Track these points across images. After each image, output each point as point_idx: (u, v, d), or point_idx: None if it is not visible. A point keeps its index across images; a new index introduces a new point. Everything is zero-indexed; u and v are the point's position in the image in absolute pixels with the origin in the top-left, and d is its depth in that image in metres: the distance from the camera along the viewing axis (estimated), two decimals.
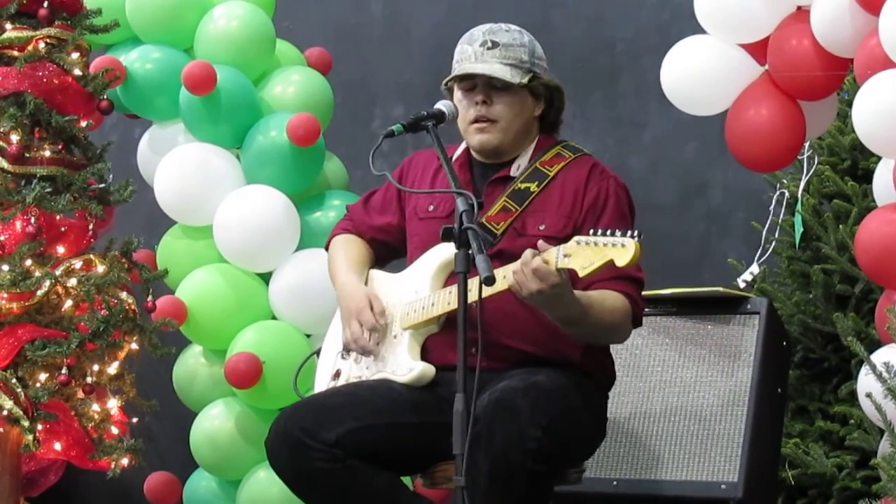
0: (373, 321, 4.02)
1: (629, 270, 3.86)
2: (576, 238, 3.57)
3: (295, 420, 3.84)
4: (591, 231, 3.56)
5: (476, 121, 4.01)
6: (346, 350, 4.15)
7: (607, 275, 3.82)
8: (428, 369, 3.94)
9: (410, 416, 3.89)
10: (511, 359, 3.89)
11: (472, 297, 3.64)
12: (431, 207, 4.11)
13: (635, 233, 3.50)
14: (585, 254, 3.54)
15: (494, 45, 3.99)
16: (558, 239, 3.73)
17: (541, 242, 3.67)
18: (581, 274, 3.55)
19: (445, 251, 3.94)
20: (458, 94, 4.05)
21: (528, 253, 3.64)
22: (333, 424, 3.80)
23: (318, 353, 4.36)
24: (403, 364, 3.97)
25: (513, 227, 3.95)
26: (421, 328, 3.99)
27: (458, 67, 4.02)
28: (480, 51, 3.99)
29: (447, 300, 3.89)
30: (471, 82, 4.01)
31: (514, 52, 4.00)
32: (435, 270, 4.00)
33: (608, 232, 3.53)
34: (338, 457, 3.78)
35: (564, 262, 3.58)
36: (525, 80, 4.00)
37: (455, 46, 4.10)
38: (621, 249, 3.49)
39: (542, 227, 3.90)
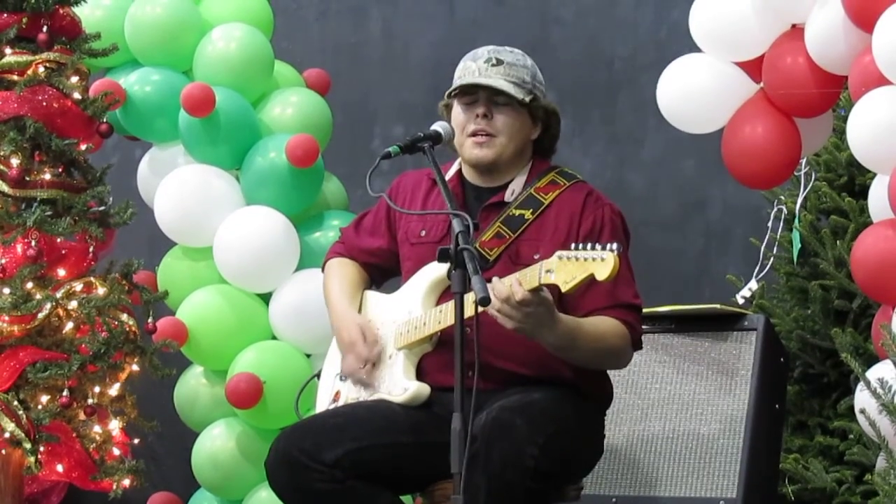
0: (365, 355, 4.04)
1: (627, 297, 3.91)
2: (558, 253, 3.58)
3: (294, 441, 3.85)
4: (573, 246, 3.57)
5: (475, 134, 4.02)
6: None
7: (604, 303, 3.87)
8: (422, 388, 3.95)
9: (408, 436, 3.89)
10: (506, 380, 3.90)
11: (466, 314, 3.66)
12: (423, 233, 4.12)
13: (614, 246, 3.51)
14: (567, 269, 3.55)
15: (499, 62, 4.02)
16: None
17: (495, 279, 3.67)
18: (563, 289, 3.55)
19: (436, 270, 3.96)
20: (457, 108, 4.06)
21: (505, 289, 3.62)
22: (332, 445, 3.81)
23: (318, 375, 4.37)
24: (398, 384, 3.98)
25: (507, 255, 3.95)
26: (414, 347, 4.00)
27: (461, 81, 4.03)
28: (485, 66, 4.01)
29: (438, 319, 3.91)
30: (472, 96, 4.03)
31: (518, 72, 4.02)
32: (426, 290, 4.01)
33: (589, 246, 3.54)
34: (337, 478, 3.79)
35: (547, 277, 3.59)
36: (527, 99, 4.02)
37: (454, 65, 4.12)
38: (601, 263, 3.50)
39: (537, 256, 3.86)
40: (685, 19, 4.68)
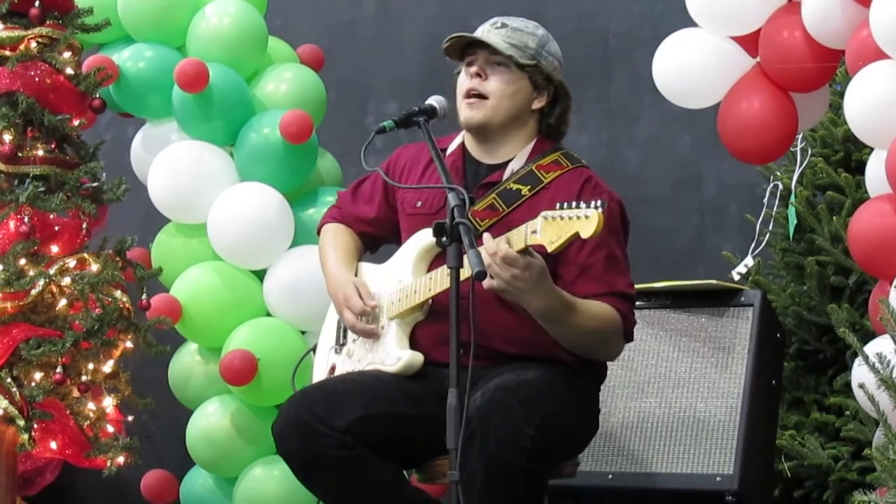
0: (361, 306, 4.02)
1: (621, 286, 3.88)
2: (542, 213, 3.55)
3: (306, 405, 3.82)
4: (558, 205, 3.54)
5: (468, 95, 4.01)
6: (340, 345, 4.16)
7: (598, 290, 3.84)
8: (416, 357, 3.94)
9: (412, 407, 3.88)
10: (498, 358, 3.87)
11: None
12: (419, 203, 4.10)
13: (598, 203, 3.47)
14: (552, 228, 3.52)
15: (504, 25, 4.03)
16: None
17: (486, 235, 3.64)
18: (549, 249, 3.52)
19: (424, 237, 3.96)
20: (462, 74, 4.08)
21: (494, 244, 3.60)
22: (343, 411, 3.78)
23: (314, 350, 4.37)
24: (391, 354, 3.97)
25: (497, 228, 3.85)
26: (406, 316, 3.99)
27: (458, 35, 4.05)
28: (489, 28, 4.04)
29: (429, 286, 3.89)
30: (473, 57, 4.03)
31: (521, 37, 4.02)
32: (416, 258, 4.01)
33: (574, 204, 3.50)
34: (348, 444, 3.76)
35: (533, 237, 3.57)
36: (522, 60, 4.00)
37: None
38: (585, 221, 3.47)
39: None
40: None
